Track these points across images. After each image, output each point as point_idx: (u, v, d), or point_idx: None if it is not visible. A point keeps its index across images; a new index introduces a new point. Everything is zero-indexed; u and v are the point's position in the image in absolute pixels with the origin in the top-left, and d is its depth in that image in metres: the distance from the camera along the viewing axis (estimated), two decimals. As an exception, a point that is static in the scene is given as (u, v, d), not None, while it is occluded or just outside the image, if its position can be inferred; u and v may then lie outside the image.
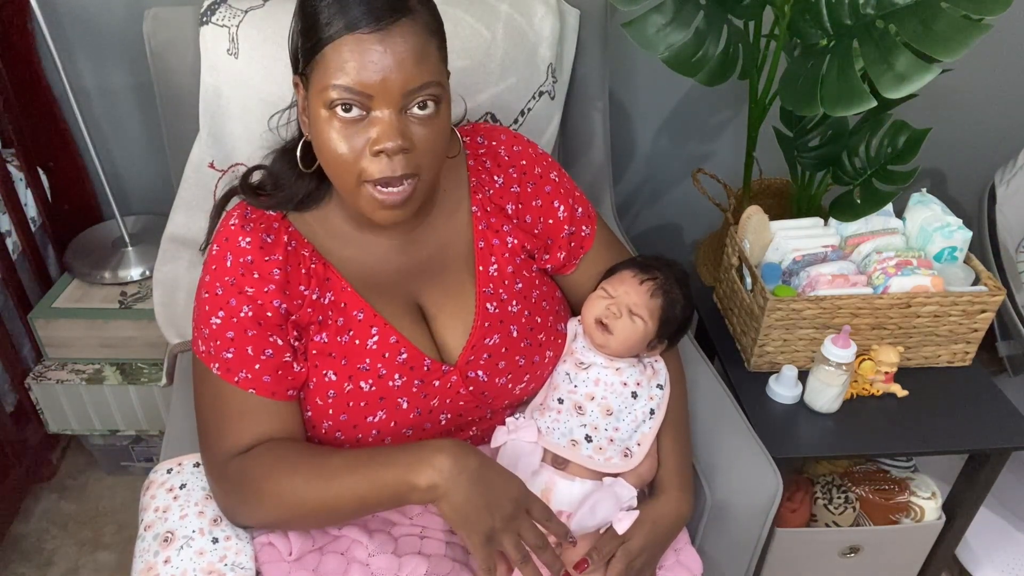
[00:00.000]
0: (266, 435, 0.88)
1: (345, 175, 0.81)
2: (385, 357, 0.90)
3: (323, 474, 0.83)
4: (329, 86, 0.77)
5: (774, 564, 1.32)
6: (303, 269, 0.89)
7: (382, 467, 0.81)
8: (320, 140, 0.81)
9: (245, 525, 0.93)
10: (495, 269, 0.98)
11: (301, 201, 0.91)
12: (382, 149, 0.78)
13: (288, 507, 0.85)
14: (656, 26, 1.16)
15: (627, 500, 0.93)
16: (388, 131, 0.78)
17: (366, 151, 0.79)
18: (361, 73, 0.76)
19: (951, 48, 1.00)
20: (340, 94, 0.77)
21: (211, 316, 0.87)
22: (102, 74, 1.55)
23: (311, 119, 0.82)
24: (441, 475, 0.78)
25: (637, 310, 0.99)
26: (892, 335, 1.26)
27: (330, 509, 0.84)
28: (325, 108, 0.78)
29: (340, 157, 0.80)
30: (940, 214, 1.29)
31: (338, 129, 0.79)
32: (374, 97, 0.77)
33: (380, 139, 0.78)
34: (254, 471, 0.86)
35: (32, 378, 1.55)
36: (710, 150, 1.77)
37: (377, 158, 0.79)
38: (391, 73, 0.76)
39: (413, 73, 0.77)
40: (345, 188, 0.83)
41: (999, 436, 1.21)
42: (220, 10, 1.15)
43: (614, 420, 0.97)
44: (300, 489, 0.84)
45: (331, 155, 0.80)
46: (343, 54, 0.76)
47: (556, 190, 1.03)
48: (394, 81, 0.77)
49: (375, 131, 0.78)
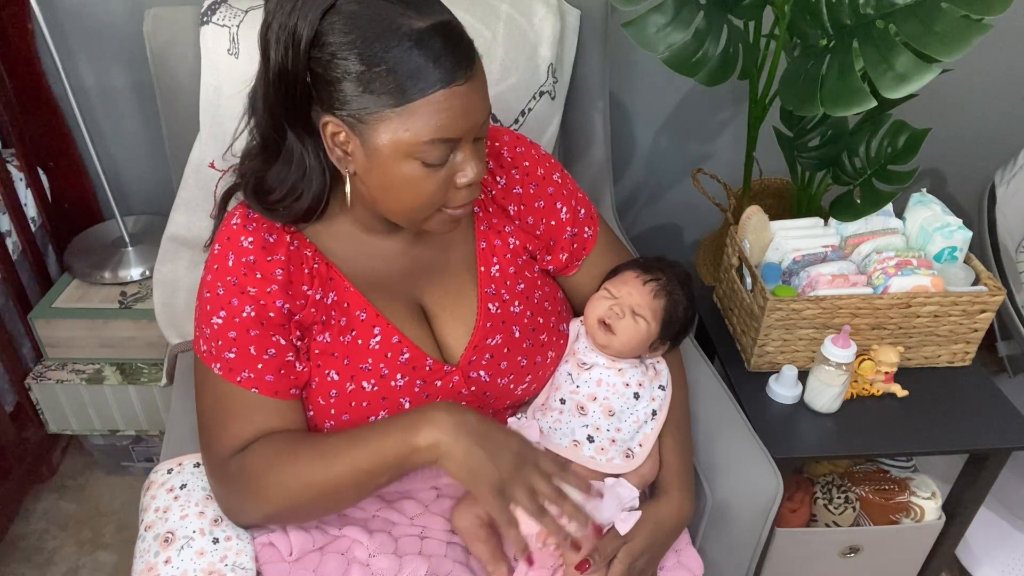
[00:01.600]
0: (267, 433, 0.87)
1: (424, 210, 0.83)
2: (387, 357, 0.90)
3: (324, 454, 0.84)
4: (423, 141, 0.77)
5: (774, 564, 1.32)
6: (306, 269, 0.89)
7: (382, 436, 0.82)
8: (395, 185, 0.80)
9: (251, 524, 0.92)
10: (497, 270, 0.98)
11: (316, 216, 0.89)
12: (472, 182, 0.82)
13: (294, 494, 0.85)
14: (656, 26, 1.16)
15: (629, 501, 0.93)
16: (478, 166, 0.82)
17: (451, 184, 0.82)
18: (457, 123, 0.77)
19: (951, 48, 1.00)
20: (436, 146, 0.78)
21: (213, 316, 0.86)
22: (102, 74, 1.55)
23: (374, 163, 0.79)
24: (440, 431, 0.79)
25: (640, 311, 0.99)
26: (892, 335, 1.26)
27: (336, 489, 0.84)
28: (409, 158, 0.78)
29: (429, 200, 0.82)
30: (940, 214, 1.29)
31: (426, 175, 0.80)
32: (461, 139, 0.79)
33: (469, 173, 0.81)
34: (255, 465, 0.86)
35: (32, 378, 1.55)
36: (710, 150, 1.77)
37: (462, 190, 0.82)
38: (478, 116, 0.79)
39: (487, 106, 0.81)
40: (414, 220, 0.85)
41: (999, 436, 1.21)
42: (220, 10, 1.15)
43: (616, 421, 0.97)
44: (304, 473, 0.84)
45: (415, 199, 0.81)
46: (441, 107, 0.76)
47: (559, 191, 1.03)
48: (479, 120, 0.80)
49: (464, 167, 0.81)
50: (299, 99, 0.79)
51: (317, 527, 0.95)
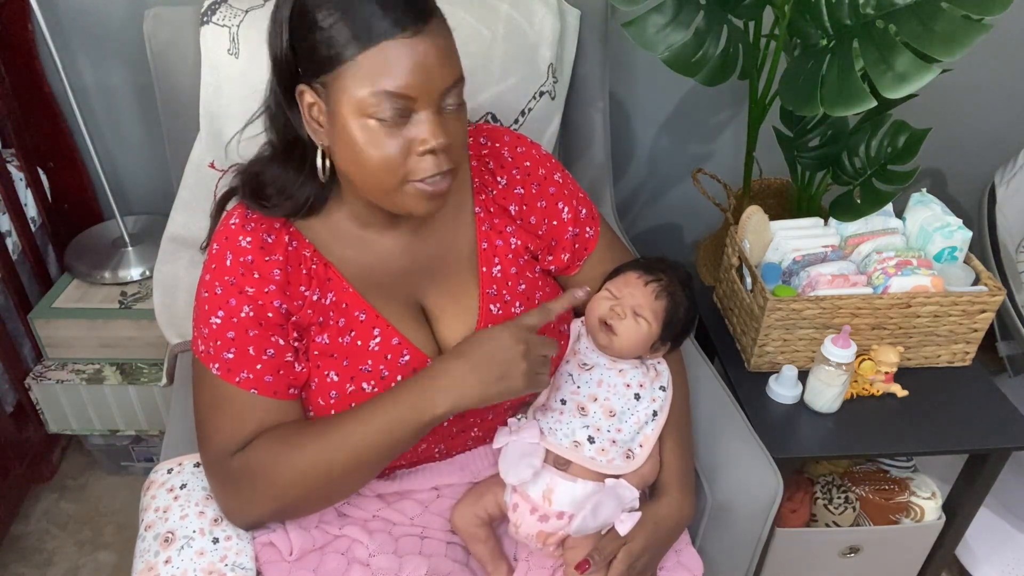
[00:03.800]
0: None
1: (388, 179, 0.81)
2: (387, 359, 0.90)
3: (333, 435, 0.85)
4: (372, 92, 0.76)
5: (774, 564, 1.32)
6: (304, 270, 0.89)
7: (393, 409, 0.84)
8: (355, 148, 0.79)
9: (254, 522, 0.92)
10: (498, 270, 0.98)
11: (309, 208, 0.89)
12: (431, 149, 0.79)
13: (305, 482, 0.85)
14: (656, 26, 1.16)
15: (629, 501, 0.93)
16: (435, 131, 0.78)
17: (411, 151, 0.79)
18: (408, 76, 0.75)
19: (951, 48, 1.00)
20: (385, 99, 0.76)
21: (211, 316, 0.86)
22: (102, 74, 1.55)
23: (337, 128, 0.79)
24: (453, 395, 0.83)
25: (641, 311, 0.99)
26: (892, 335, 1.26)
27: (351, 467, 0.85)
28: (362, 116, 0.77)
29: (384, 163, 0.79)
30: (940, 214, 1.29)
31: (380, 135, 0.78)
32: (417, 99, 0.77)
33: (428, 139, 0.78)
34: (260, 459, 0.86)
35: (32, 378, 1.55)
36: (710, 150, 1.77)
37: (423, 157, 0.80)
38: (434, 73, 0.77)
39: (449, 71, 0.78)
40: (384, 191, 0.83)
41: (999, 436, 1.21)
42: (220, 10, 1.15)
43: (617, 421, 0.97)
44: (312, 456, 0.84)
45: (372, 162, 0.79)
46: (387, 59, 0.75)
47: (560, 191, 1.03)
48: (436, 80, 0.77)
49: (422, 132, 0.78)
50: (289, 79, 0.81)
51: (317, 527, 0.95)
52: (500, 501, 0.96)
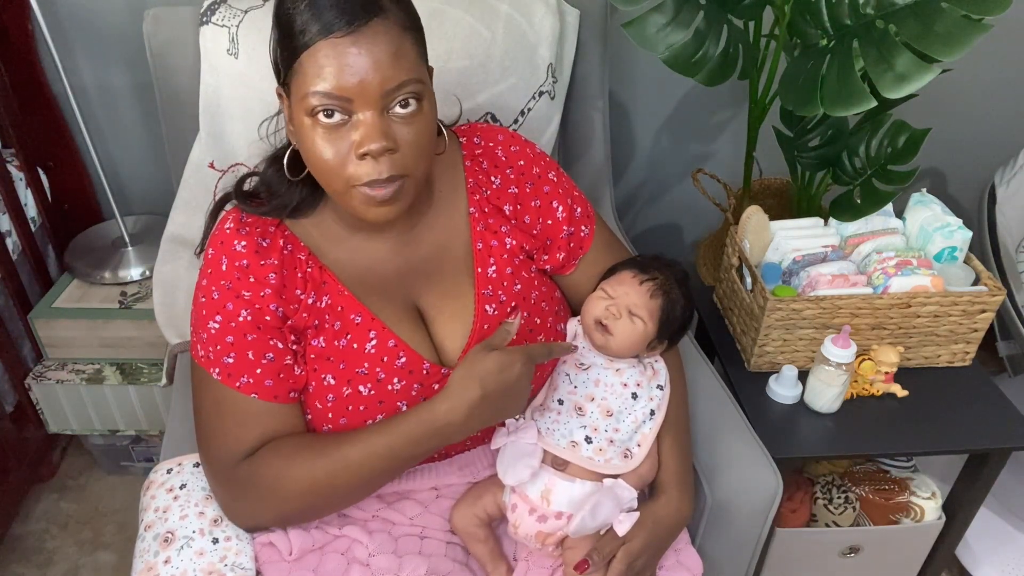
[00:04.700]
0: (270, 437, 0.88)
1: (334, 180, 0.81)
2: (384, 361, 0.90)
3: (340, 453, 0.85)
4: (309, 93, 0.77)
5: (774, 564, 1.32)
6: (299, 273, 0.89)
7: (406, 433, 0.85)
8: (305, 148, 0.81)
9: (260, 526, 0.93)
10: (494, 270, 0.97)
11: (296, 208, 0.90)
12: (366, 152, 0.78)
13: (311, 495, 0.86)
14: (656, 26, 1.16)
15: (628, 501, 0.93)
16: (371, 133, 0.78)
17: (351, 155, 0.79)
18: (339, 78, 0.76)
19: (951, 48, 1.00)
20: (320, 100, 0.77)
21: (208, 320, 0.86)
22: (102, 74, 1.55)
23: (296, 128, 0.82)
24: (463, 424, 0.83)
25: (637, 311, 0.99)
26: (892, 335, 1.26)
27: (355, 483, 0.86)
28: (307, 115, 0.78)
29: (327, 163, 0.80)
30: (940, 214, 1.29)
31: (322, 135, 0.79)
32: (354, 100, 0.77)
33: (363, 142, 0.78)
34: (270, 467, 0.86)
35: (32, 378, 1.55)
36: (710, 150, 1.77)
37: (363, 161, 0.79)
38: (368, 74, 0.76)
39: (390, 73, 0.77)
40: (335, 192, 0.83)
41: (999, 436, 1.21)
42: (220, 10, 1.15)
43: (614, 421, 0.97)
44: (319, 471, 0.85)
45: (318, 162, 0.80)
46: (319, 60, 0.76)
47: (555, 190, 1.03)
48: (372, 82, 0.76)
49: (358, 134, 0.78)
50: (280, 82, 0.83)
51: (317, 527, 0.95)
52: (499, 501, 0.96)
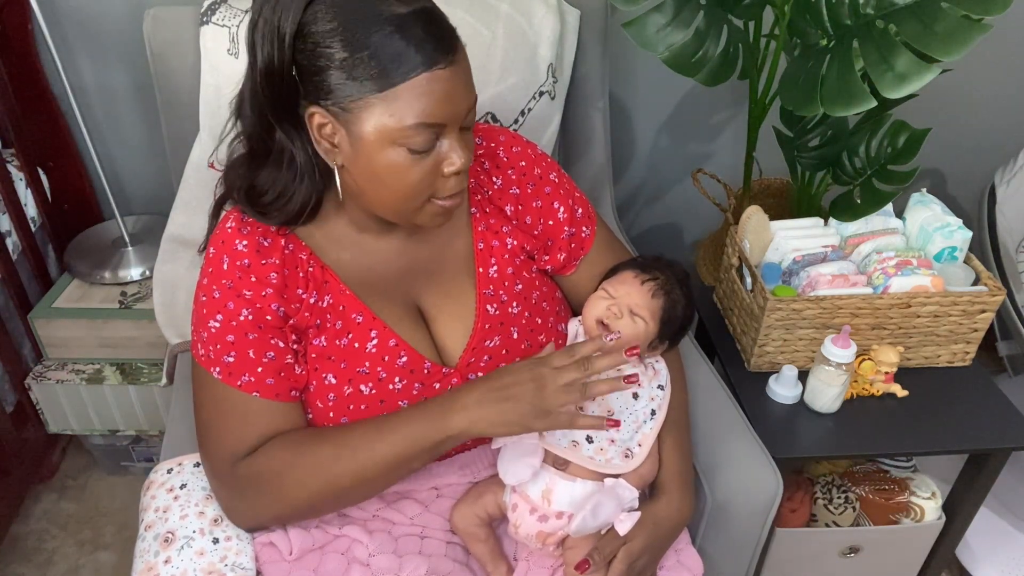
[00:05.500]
0: (271, 435, 0.88)
1: (413, 201, 0.83)
2: (385, 360, 0.90)
3: (347, 446, 0.85)
4: (406, 126, 0.77)
5: (774, 564, 1.32)
6: (300, 272, 0.89)
7: (408, 424, 0.84)
8: (382, 173, 0.80)
9: (261, 525, 0.92)
10: (495, 271, 0.98)
11: (307, 217, 0.89)
12: (459, 170, 0.81)
13: (317, 489, 0.85)
14: (656, 26, 1.16)
15: (628, 501, 0.93)
16: (464, 153, 0.81)
17: (438, 173, 0.81)
18: (440, 108, 0.77)
19: (951, 48, 1.00)
20: (420, 131, 0.77)
21: (209, 319, 0.86)
22: (102, 74, 1.55)
23: (360, 152, 0.79)
24: (468, 417, 0.82)
25: (638, 311, 0.99)
26: (892, 335, 1.26)
27: (363, 480, 0.85)
28: (392, 145, 0.78)
29: (413, 187, 0.81)
30: (940, 214, 1.29)
31: (410, 160, 0.79)
32: (447, 125, 0.79)
33: (457, 162, 0.81)
34: (271, 465, 0.86)
35: (32, 378, 1.55)
36: (710, 150, 1.77)
37: (450, 178, 0.82)
38: (462, 101, 0.79)
39: (473, 96, 0.81)
40: (405, 211, 0.84)
41: (999, 436, 1.21)
42: (220, 10, 1.15)
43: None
44: (328, 467, 0.84)
45: (400, 186, 0.81)
46: (422, 91, 0.76)
47: (556, 191, 1.03)
48: (463, 107, 0.80)
49: (450, 155, 0.81)
50: (287, 94, 0.79)
51: (317, 527, 0.95)
52: (500, 501, 0.96)
